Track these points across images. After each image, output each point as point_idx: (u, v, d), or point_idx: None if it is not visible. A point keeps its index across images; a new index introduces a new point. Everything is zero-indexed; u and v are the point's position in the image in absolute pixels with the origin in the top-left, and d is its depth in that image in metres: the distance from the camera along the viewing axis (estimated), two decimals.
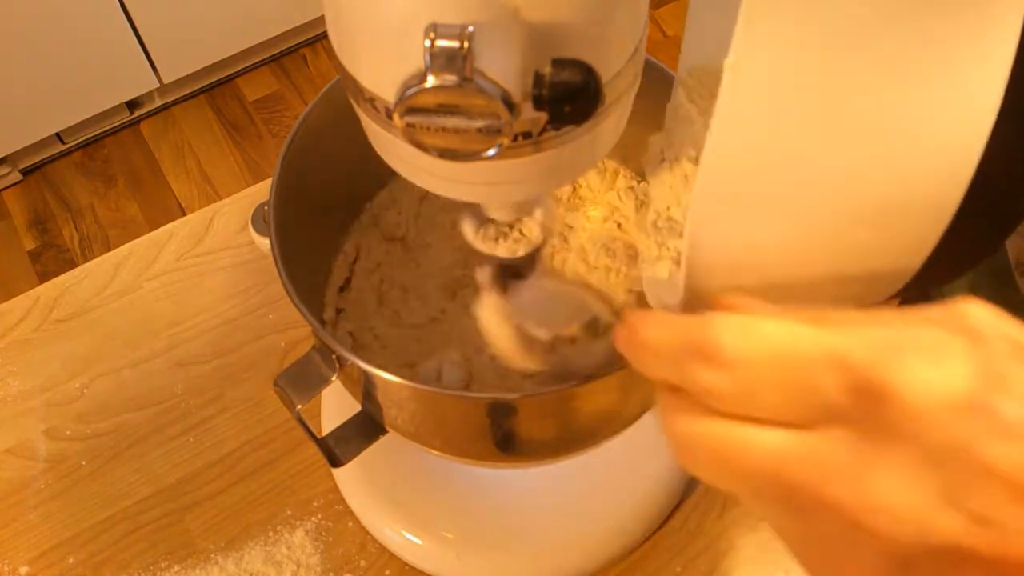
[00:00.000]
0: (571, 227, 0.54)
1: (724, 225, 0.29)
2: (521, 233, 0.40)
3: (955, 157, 0.27)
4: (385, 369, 0.42)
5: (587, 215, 0.54)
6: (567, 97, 0.29)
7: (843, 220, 0.29)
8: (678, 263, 0.40)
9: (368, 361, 0.42)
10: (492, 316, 0.45)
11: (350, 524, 0.60)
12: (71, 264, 1.67)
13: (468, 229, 0.40)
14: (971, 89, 0.26)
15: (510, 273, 0.42)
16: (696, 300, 0.33)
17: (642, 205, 0.56)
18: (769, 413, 0.25)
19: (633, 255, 0.53)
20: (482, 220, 0.39)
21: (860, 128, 0.27)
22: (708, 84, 0.43)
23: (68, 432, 0.65)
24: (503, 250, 0.40)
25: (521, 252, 0.40)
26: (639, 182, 0.56)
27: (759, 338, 0.25)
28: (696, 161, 0.42)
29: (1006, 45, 0.26)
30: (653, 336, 0.28)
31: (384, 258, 0.56)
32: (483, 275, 0.45)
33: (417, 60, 0.28)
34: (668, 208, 0.42)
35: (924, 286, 0.31)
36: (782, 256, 0.30)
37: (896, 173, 0.28)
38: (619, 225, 0.55)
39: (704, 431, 0.26)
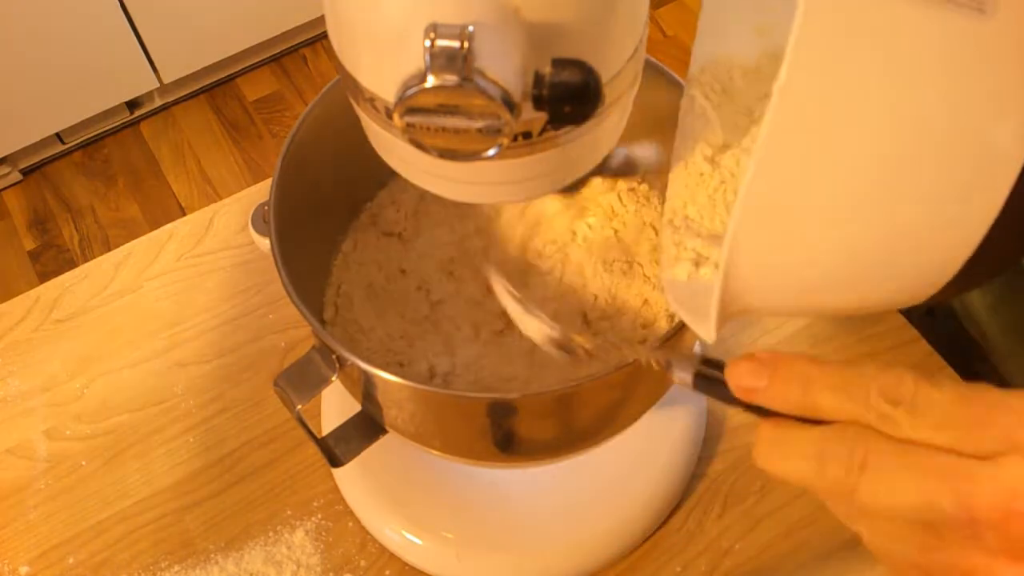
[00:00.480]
0: (573, 233, 0.54)
1: (765, 238, 0.30)
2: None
3: (997, 165, 0.28)
4: (384, 368, 0.42)
5: (587, 222, 0.54)
6: (567, 97, 0.29)
7: (885, 236, 0.30)
8: (696, 264, 0.41)
9: (367, 360, 0.42)
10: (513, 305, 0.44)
11: (350, 524, 0.60)
12: (71, 264, 1.67)
13: None
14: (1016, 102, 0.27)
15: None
16: (733, 305, 0.33)
17: (642, 207, 0.56)
18: (959, 445, 0.28)
19: (628, 267, 0.53)
20: None
21: (908, 147, 0.28)
22: (721, 79, 0.43)
23: (68, 432, 0.65)
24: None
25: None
26: (639, 183, 0.56)
27: (943, 387, 0.29)
28: (711, 160, 0.42)
29: None
30: (812, 372, 0.31)
31: (377, 255, 0.56)
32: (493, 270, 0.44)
33: (417, 60, 0.28)
34: (684, 206, 0.42)
35: (953, 293, 0.32)
36: (823, 268, 0.31)
37: (941, 189, 0.29)
38: (616, 232, 0.55)
39: (895, 449, 0.29)
